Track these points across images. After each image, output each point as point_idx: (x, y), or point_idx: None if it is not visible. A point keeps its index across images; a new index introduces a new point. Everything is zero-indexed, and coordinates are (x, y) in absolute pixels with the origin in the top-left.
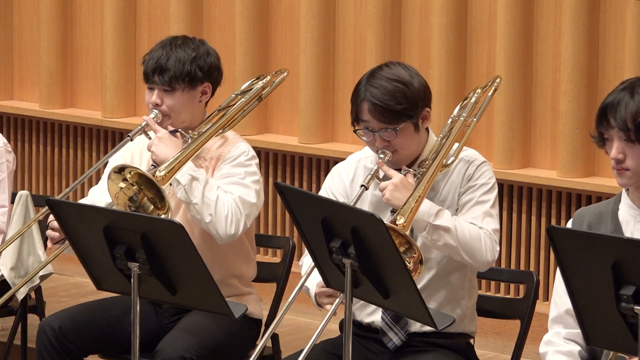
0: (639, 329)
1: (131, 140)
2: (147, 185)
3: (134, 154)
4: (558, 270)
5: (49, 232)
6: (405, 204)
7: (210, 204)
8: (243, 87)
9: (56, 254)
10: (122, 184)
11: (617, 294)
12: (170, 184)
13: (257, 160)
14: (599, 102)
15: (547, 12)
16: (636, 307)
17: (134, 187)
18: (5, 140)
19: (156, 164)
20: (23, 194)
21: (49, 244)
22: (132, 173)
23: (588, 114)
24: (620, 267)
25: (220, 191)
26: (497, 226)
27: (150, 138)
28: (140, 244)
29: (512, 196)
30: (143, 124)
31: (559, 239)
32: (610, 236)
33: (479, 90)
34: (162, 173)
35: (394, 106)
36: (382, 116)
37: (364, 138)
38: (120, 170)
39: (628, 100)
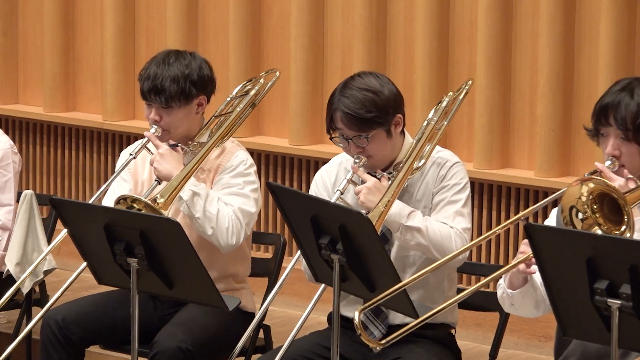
0: (611, 321)
1: (134, 158)
2: (151, 210)
3: (137, 165)
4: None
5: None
6: (375, 207)
7: (212, 217)
8: (235, 90)
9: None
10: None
11: (591, 288)
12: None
13: (255, 168)
14: (574, 105)
15: (525, 20)
16: (609, 300)
17: (142, 211)
18: (12, 142)
19: (159, 180)
20: (28, 193)
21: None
22: (136, 201)
23: (564, 117)
24: (594, 262)
25: (221, 203)
26: (468, 225)
27: (151, 152)
28: (139, 240)
29: (491, 195)
30: (144, 140)
31: (536, 235)
32: (585, 232)
33: (451, 94)
34: (162, 200)
35: (364, 114)
36: (354, 124)
37: (340, 145)
38: (124, 199)
39: (629, 101)
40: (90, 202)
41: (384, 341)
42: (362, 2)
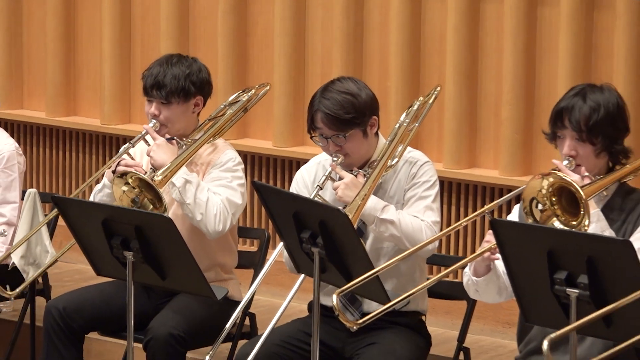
0: (570, 309)
1: (132, 146)
2: (147, 188)
3: (135, 157)
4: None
5: (120, 169)
6: (352, 201)
7: (202, 204)
8: (230, 98)
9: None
10: (125, 187)
11: (551, 278)
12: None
13: (242, 166)
14: (535, 111)
15: (491, 31)
16: (568, 289)
17: (135, 190)
18: (17, 145)
19: (154, 168)
20: (32, 191)
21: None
22: (133, 178)
23: (526, 121)
24: (554, 254)
25: (210, 193)
26: (438, 218)
27: (148, 144)
28: (134, 235)
29: (459, 192)
30: (143, 132)
31: (501, 230)
32: (545, 227)
33: (421, 98)
34: (160, 177)
35: (343, 115)
36: (333, 124)
37: (319, 144)
38: (123, 175)
39: (582, 105)
40: (91, 197)
41: (361, 321)
42: (340, 14)
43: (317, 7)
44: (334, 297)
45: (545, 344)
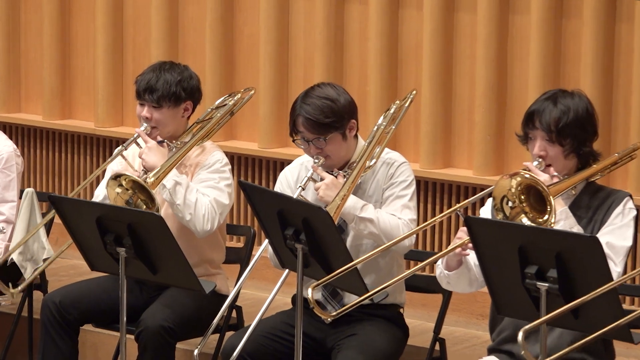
0: (540, 301)
1: (125, 149)
2: (140, 190)
3: (128, 158)
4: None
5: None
6: (332, 201)
7: (191, 205)
8: (217, 102)
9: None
10: (119, 189)
11: (522, 272)
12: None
13: (229, 167)
14: (507, 114)
15: (464, 39)
16: (538, 283)
17: (129, 192)
18: (15, 146)
19: (146, 170)
20: (29, 191)
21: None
22: (126, 180)
23: (498, 124)
24: (525, 250)
25: (199, 194)
26: (414, 216)
27: (140, 147)
28: (127, 232)
29: (435, 191)
30: (135, 135)
31: (475, 227)
32: (517, 224)
33: (398, 102)
34: (152, 179)
35: (322, 120)
36: (313, 128)
37: (301, 146)
38: (117, 177)
39: (552, 108)
40: (82, 185)
41: (334, 313)
42: (321, 22)
43: (300, 16)
44: (309, 290)
45: (520, 335)
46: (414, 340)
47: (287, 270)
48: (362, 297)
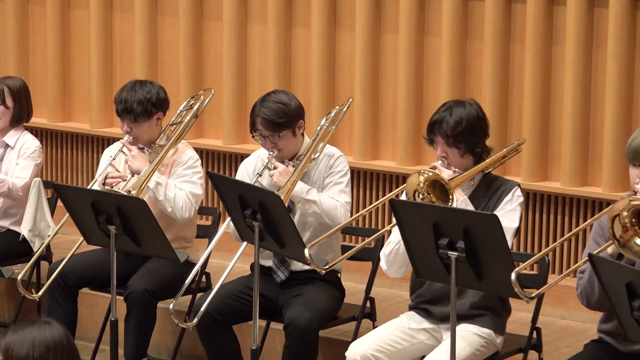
0: (451, 267)
1: (114, 159)
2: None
3: (116, 164)
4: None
5: (108, 181)
6: (284, 185)
7: (170, 199)
8: (182, 105)
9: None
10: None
11: (436, 244)
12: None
13: (200, 162)
14: (424, 117)
15: (389, 56)
16: (449, 252)
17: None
18: (41, 145)
19: (132, 173)
20: (37, 180)
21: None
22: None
23: (416, 124)
24: (438, 226)
25: (177, 189)
26: (349, 199)
27: (125, 154)
28: (116, 213)
29: (366, 179)
30: (120, 146)
31: (398, 208)
32: (432, 205)
33: (337, 107)
34: (134, 191)
35: (277, 120)
36: (269, 127)
37: (259, 141)
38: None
39: (449, 118)
40: (89, 186)
41: (327, 266)
42: (273, 43)
43: (256, 38)
44: (306, 250)
45: (512, 275)
46: (349, 299)
47: (245, 243)
48: (324, 267)
